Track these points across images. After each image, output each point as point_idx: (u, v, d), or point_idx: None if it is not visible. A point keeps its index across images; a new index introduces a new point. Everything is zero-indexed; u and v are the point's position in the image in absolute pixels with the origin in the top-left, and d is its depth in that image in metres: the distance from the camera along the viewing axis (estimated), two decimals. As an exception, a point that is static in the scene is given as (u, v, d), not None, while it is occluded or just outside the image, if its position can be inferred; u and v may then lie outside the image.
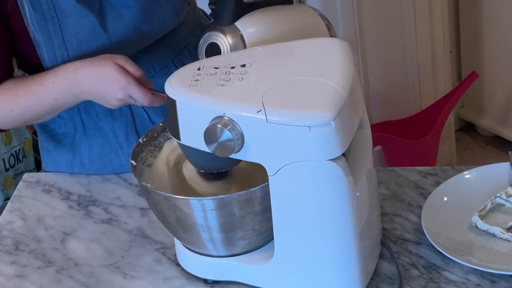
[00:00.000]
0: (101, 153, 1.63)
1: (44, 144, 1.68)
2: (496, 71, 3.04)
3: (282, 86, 1.20)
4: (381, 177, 1.52)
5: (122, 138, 1.62)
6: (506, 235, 1.35)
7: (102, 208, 1.57)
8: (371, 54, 2.73)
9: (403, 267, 1.34)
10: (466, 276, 1.31)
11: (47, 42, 1.48)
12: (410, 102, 2.89)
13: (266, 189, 1.23)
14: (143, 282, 1.39)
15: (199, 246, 1.32)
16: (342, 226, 1.22)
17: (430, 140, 2.72)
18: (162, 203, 1.28)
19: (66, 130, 1.63)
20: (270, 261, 1.29)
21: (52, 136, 1.66)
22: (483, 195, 1.43)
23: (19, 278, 1.44)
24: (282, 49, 1.30)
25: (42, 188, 1.65)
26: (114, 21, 1.49)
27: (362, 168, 1.26)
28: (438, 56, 2.90)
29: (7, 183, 2.75)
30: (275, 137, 1.17)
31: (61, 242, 1.51)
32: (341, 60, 1.24)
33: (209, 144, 1.20)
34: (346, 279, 1.27)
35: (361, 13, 2.66)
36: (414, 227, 1.41)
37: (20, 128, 2.79)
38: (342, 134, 1.16)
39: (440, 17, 2.86)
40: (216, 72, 1.25)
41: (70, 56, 1.49)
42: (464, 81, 2.77)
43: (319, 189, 1.20)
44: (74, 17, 1.47)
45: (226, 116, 1.19)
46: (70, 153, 1.64)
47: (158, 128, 1.41)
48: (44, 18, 1.46)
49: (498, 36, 2.98)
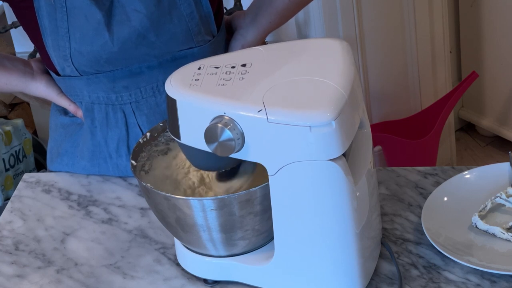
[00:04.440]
0: (91, 156, 1.63)
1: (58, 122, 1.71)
2: (496, 71, 3.04)
3: (283, 86, 1.20)
4: (381, 177, 1.52)
5: (112, 148, 1.62)
6: (506, 235, 1.35)
7: (102, 208, 1.57)
8: (371, 54, 2.73)
9: (403, 267, 1.34)
10: (466, 276, 1.31)
11: (52, 31, 1.49)
12: (410, 102, 2.89)
13: (266, 189, 1.23)
14: (143, 282, 1.39)
15: (199, 246, 1.32)
16: (342, 226, 1.22)
17: (430, 140, 2.72)
18: (162, 203, 1.28)
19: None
20: (270, 261, 1.29)
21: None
22: (483, 195, 1.43)
23: (19, 278, 1.44)
24: (283, 49, 1.30)
25: (42, 188, 1.65)
26: (120, 23, 1.49)
27: (362, 168, 1.26)
28: (438, 56, 2.90)
29: (7, 183, 2.75)
30: (275, 137, 1.17)
31: (61, 242, 1.51)
32: (342, 60, 1.24)
33: (209, 144, 1.20)
34: (346, 279, 1.27)
35: (361, 13, 2.66)
36: (414, 227, 1.41)
37: (20, 128, 2.79)
38: (343, 134, 1.16)
39: (440, 17, 2.86)
40: (216, 72, 1.25)
41: (72, 49, 1.49)
42: (464, 81, 2.77)
43: (319, 189, 1.20)
44: (83, 10, 1.47)
45: (226, 116, 1.18)
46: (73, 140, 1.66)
47: (158, 128, 1.41)
48: (53, 5, 1.47)
49: (498, 36, 2.98)
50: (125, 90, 1.57)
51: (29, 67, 1.62)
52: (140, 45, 1.51)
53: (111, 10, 1.48)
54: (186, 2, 1.51)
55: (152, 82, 1.57)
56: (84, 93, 1.58)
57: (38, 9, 1.49)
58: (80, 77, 1.55)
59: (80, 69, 1.54)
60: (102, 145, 1.62)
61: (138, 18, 1.48)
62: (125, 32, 1.49)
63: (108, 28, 1.48)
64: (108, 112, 1.59)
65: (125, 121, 1.60)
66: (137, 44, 1.50)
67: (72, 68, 1.54)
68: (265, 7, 1.60)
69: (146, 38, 1.50)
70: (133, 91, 1.57)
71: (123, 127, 1.60)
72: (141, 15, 1.48)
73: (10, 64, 1.60)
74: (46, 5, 1.48)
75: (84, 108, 1.60)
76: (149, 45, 1.51)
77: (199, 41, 1.55)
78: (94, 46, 1.50)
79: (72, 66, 1.53)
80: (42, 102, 2.68)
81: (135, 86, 1.57)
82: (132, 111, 1.59)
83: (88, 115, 1.60)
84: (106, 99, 1.58)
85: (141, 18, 1.48)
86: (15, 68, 1.60)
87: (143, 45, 1.51)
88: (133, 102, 1.58)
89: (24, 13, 1.53)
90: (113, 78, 1.55)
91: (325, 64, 1.24)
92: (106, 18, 1.48)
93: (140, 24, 1.49)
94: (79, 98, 1.60)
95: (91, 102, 1.59)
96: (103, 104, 1.59)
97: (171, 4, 1.49)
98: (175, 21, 1.51)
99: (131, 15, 1.48)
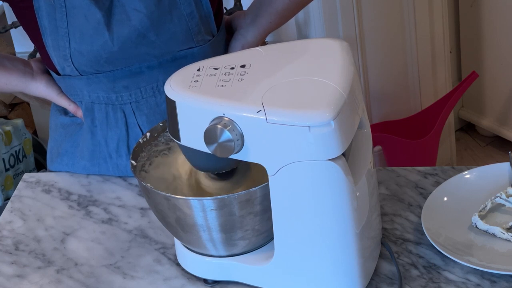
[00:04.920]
0: (91, 156, 1.63)
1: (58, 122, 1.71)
2: (496, 71, 3.04)
3: (282, 86, 1.20)
4: (381, 177, 1.52)
5: (112, 148, 1.62)
6: (506, 235, 1.35)
7: (102, 208, 1.57)
8: (371, 54, 2.73)
9: (403, 267, 1.34)
10: (466, 276, 1.31)
11: (52, 31, 1.49)
12: (410, 102, 2.89)
13: (266, 189, 1.23)
14: (143, 282, 1.39)
15: (199, 246, 1.32)
16: (342, 226, 1.22)
17: (430, 140, 2.72)
18: (162, 203, 1.28)
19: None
20: (270, 261, 1.29)
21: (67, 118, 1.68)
22: (483, 195, 1.43)
23: (19, 278, 1.44)
24: (282, 49, 1.30)
25: (42, 188, 1.65)
26: (120, 23, 1.49)
27: (362, 168, 1.26)
28: (438, 56, 2.90)
29: (7, 183, 2.75)
30: (275, 137, 1.17)
31: (61, 242, 1.51)
32: (341, 60, 1.24)
33: (209, 145, 1.20)
34: (346, 279, 1.27)
35: (361, 13, 2.66)
36: (414, 227, 1.41)
37: (20, 128, 2.79)
38: (342, 134, 1.16)
39: (440, 17, 2.86)
40: (215, 73, 1.25)
41: (72, 48, 1.49)
42: (464, 81, 2.77)
43: (319, 189, 1.20)
44: (82, 10, 1.47)
45: (226, 117, 1.19)
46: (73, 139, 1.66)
47: (158, 128, 1.41)
48: (53, 5, 1.47)
49: (498, 36, 2.98)
50: (125, 90, 1.57)
51: (29, 67, 1.62)
52: (140, 45, 1.51)
53: (111, 10, 1.48)
54: (186, 1, 1.51)
55: (152, 82, 1.57)
56: (84, 92, 1.58)
57: (37, 9, 1.49)
58: (80, 77, 1.55)
59: (80, 69, 1.54)
60: (102, 145, 1.62)
61: (138, 18, 1.48)
62: (125, 31, 1.49)
63: (108, 28, 1.48)
64: (108, 112, 1.59)
65: (125, 121, 1.60)
66: (137, 44, 1.50)
67: (72, 68, 1.54)
68: (265, 7, 1.60)
69: (146, 38, 1.50)
70: (133, 91, 1.57)
71: (123, 127, 1.60)
72: (141, 14, 1.48)
73: (10, 64, 1.60)
74: (45, 5, 1.48)
75: (84, 108, 1.60)
76: (149, 44, 1.51)
77: (199, 41, 1.55)
78: (94, 45, 1.50)
79: (72, 66, 1.53)
80: (42, 102, 2.68)
81: (135, 86, 1.57)
82: (132, 111, 1.59)
83: (88, 115, 1.60)
84: (106, 99, 1.58)
85: (141, 18, 1.48)
86: (15, 68, 1.60)
87: (143, 45, 1.51)
88: (133, 102, 1.58)
89: (24, 13, 1.53)
90: (113, 78, 1.55)
91: (324, 64, 1.24)
92: (106, 17, 1.48)
93: (140, 24, 1.49)
94: (79, 98, 1.60)
95: (91, 102, 1.59)
96: (103, 104, 1.59)
97: (171, 4, 1.49)
98: (175, 21, 1.51)
99: (131, 15, 1.48)
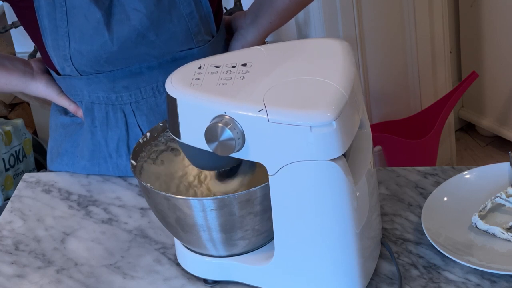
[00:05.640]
0: (91, 155, 1.63)
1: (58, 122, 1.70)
2: (496, 71, 3.04)
3: (284, 86, 1.20)
4: (381, 177, 1.52)
5: (112, 148, 1.62)
6: (506, 235, 1.35)
7: (102, 208, 1.57)
8: (371, 54, 2.73)
9: (403, 267, 1.34)
10: (466, 276, 1.31)
11: (52, 30, 1.49)
12: (410, 102, 2.89)
13: (266, 189, 1.23)
14: (143, 282, 1.39)
15: (199, 246, 1.32)
16: (342, 226, 1.22)
17: (430, 140, 2.72)
18: (162, 203, 1.28)
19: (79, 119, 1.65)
20: (270, 261, 1.29)
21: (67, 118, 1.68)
22: (483, 195, 1.43)
23: (19, 278, 1.44)
24: (283, 48, 1.30)
25: (42, 188, 1.65)
26: (120, 22, 1.49)
27: (362, 168, 1.26)
28: (438, 56, 2.90)
29: (7, 183, 2.75)
30: (276, 136, 1.17)
31: (61, 242, 1.51)
32: (342, 60, 1.24)
33: (209, 143, 1.20)
34: (346, 279, 1.27)
35: (361, 13, 2.66)
36: (414, 227, 1.41)
37: (20, 128, 2.79)
38: (343, 134, 1.16)
39: (440, 17, 2.86)
40: (217, 71, 1.25)
41: (71, 48, 1.49)
42: (464, 81, 2.77)
43: (319, 189, 1.20)
44: (82, 10, 1.47)
45: (227, 115, 1.18)
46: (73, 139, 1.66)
47: (158, 128, 1.41)
48: (53, 5, 1.47)
49: (498, 36, 2.98)
50: (125, 90, 1.57)
51: (29, 67, 1.62)
52: (139, 45, 1.51)
53: (111, 9, 1.48)
54: (186, 1, 1.51)
55: (152, 82, 1.57)
56: (84, 92, 1.58)
57: (38, 9, 1.49)
58: (80, 77, 1.55)
59: (80, 69, 1.54)
60: (102, 145, 1.62)
61: (137, 17, 1.48)
62: (124, 31, 1.49)
63: (108, 28, 1.48)
64: (108, 112, 1.59)
65: (125, 121, 1.60)
66: (136, 44, 1.50)
67: (72, 68, 1.54)
68: (266, 8, 1.60)
69: (145, 38, 1.50)
70: (133, 91, 1.57)
71: (123, 127, 1.60)
72: (140, 14, 1.48)
73: (10, 64, 1.60)
74: (45, 4, 1.48)
75: (84, 107, 1.60)
76: (149, 44, 1.51)
77: (198, 41, 1.55)
78: (94, 45, 1.50)
79: (72, 66, 1.53)
80: (42, 102, 2.68)
81: (135, 86, 1.57)
82: (132, 111, 1.59)
83: (88, 115, 1.60)
84: (106, 99, 1.58)
85: (141, 17, 1.48)
86: (15, 68, 1.60)
87: (143, 45, 1.51)
88: (133, 102, 1.58)
89: (24, 13, 1.53)
90: (113, 78, 1.55)
91: (325, 64, 1.24)
92: (105, 17, 1.48)
93: (140, 23, 1.49)
94: (79, 98, 1.60)
95: (91, 101, 1.59)
96: (103, 104, 1.59)
97: (171, 4, 1.49)
98: (175, 21, 1.51)
99: (131, 14, 1.48)
